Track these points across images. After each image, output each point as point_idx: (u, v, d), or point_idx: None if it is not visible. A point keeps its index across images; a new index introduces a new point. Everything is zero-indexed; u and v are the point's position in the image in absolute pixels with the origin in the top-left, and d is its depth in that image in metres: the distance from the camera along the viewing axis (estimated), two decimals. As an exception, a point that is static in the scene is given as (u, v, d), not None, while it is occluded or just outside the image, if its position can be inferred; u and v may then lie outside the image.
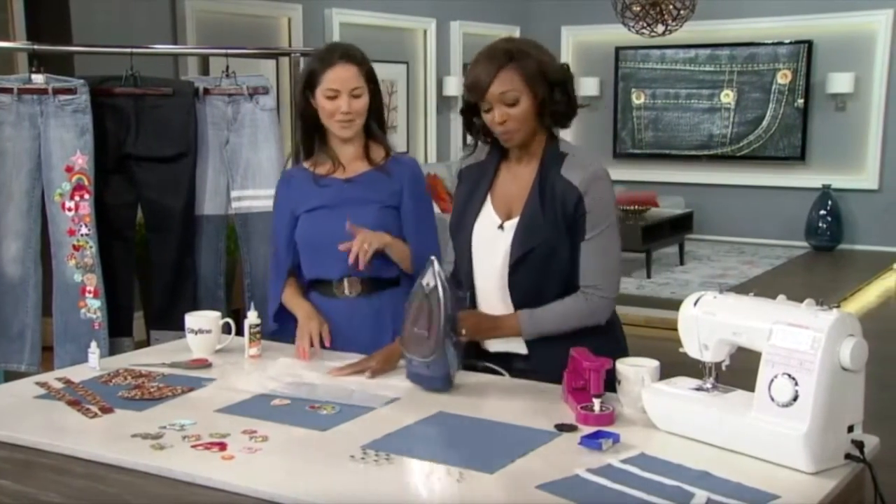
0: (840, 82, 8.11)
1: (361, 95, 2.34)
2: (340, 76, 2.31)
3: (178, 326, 2.43)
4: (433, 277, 1.99)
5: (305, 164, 2.45)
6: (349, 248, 2.24)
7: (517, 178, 2.16)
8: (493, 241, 2.15)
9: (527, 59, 2.06)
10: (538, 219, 2.09)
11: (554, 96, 2.08)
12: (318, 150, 2.42)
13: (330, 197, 2.39)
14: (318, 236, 2.38)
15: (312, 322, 2.34)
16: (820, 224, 8.32)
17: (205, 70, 5.96)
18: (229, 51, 3.69)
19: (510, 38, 2.21)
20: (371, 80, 2.37)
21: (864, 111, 8.18)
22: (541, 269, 2.09)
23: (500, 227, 2.14)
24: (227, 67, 3.53)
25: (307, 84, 2.35)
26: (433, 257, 2.04)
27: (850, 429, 1.60)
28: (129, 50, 3.46)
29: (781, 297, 1.73)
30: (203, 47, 5.73)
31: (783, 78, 8.47)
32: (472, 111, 2.15)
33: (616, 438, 1.70)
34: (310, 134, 2.42)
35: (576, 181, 2.07)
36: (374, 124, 2.41)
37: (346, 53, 2.35)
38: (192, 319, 2.34)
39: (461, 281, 2.20)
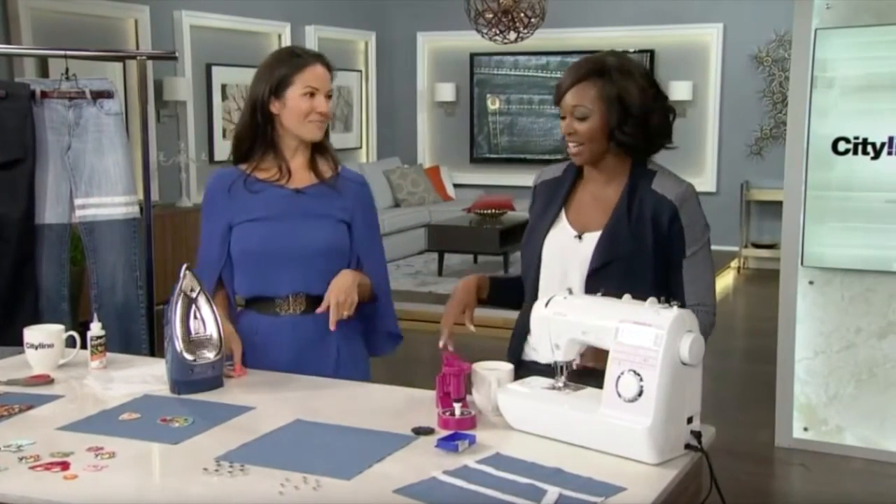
0: (680, 90, 8.53)
1: (331, 98, 2.28)
2: (319, 75, 2.24)
3: (17, 342, 2.30)
4: (192, 281, 2.06)
5: (242, 167, 2.30)
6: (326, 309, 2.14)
7: (598, 197, 2.06)
8: (568, 251, 2.04)
9: (611, 79, 1.97)
10: (623, 230, 2.00)
11: (625, 126, 1.98)
12: (264, 156, 2.27)
13: (277, 207, 2.24)
14: (265, 250, 2.23)
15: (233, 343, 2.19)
16: (666, 225, 8.72)
17: (44, 72, 5.68)
18: (68, 52, 3.54)
19: (615, 53, 2.04)
20: None
21: (702, 117, 8.63)
22: (620, 282, 1.90)
23: (579, 237, 2.04)
24: (67, 70, 3.38)
25: (278, 86, 2.21)
26: (186, 264, 2.08)
27: (690, 420, 1.68)
28: (-43, 49, 3.26)
29: (627, 296, 1.80)
30: (38, 48, 5.44)
31: (629, 85, 8.83)
32: None
33: (472, 440, 1.73)
34: (254, 137, 2.26)
35: (670, 195, 2.01)
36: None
37: (319, 56, 2.29)
38: (32, 333, 2.23)
39: (525, 293, 2.10)
